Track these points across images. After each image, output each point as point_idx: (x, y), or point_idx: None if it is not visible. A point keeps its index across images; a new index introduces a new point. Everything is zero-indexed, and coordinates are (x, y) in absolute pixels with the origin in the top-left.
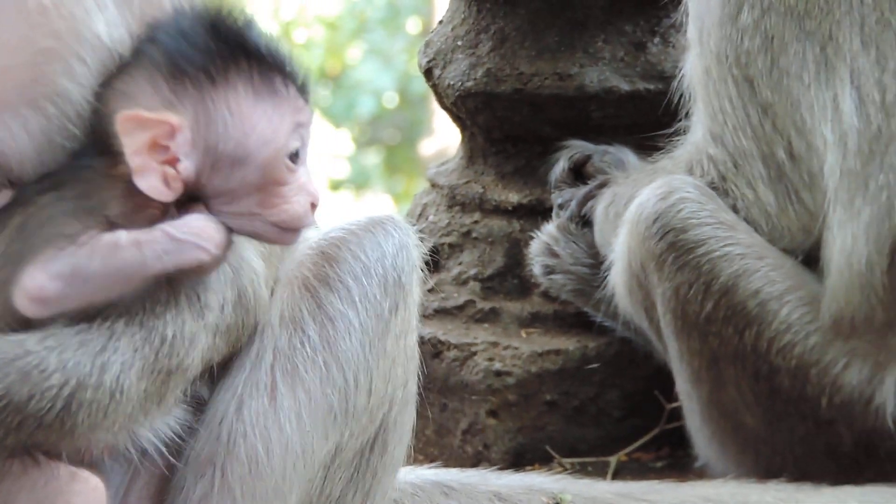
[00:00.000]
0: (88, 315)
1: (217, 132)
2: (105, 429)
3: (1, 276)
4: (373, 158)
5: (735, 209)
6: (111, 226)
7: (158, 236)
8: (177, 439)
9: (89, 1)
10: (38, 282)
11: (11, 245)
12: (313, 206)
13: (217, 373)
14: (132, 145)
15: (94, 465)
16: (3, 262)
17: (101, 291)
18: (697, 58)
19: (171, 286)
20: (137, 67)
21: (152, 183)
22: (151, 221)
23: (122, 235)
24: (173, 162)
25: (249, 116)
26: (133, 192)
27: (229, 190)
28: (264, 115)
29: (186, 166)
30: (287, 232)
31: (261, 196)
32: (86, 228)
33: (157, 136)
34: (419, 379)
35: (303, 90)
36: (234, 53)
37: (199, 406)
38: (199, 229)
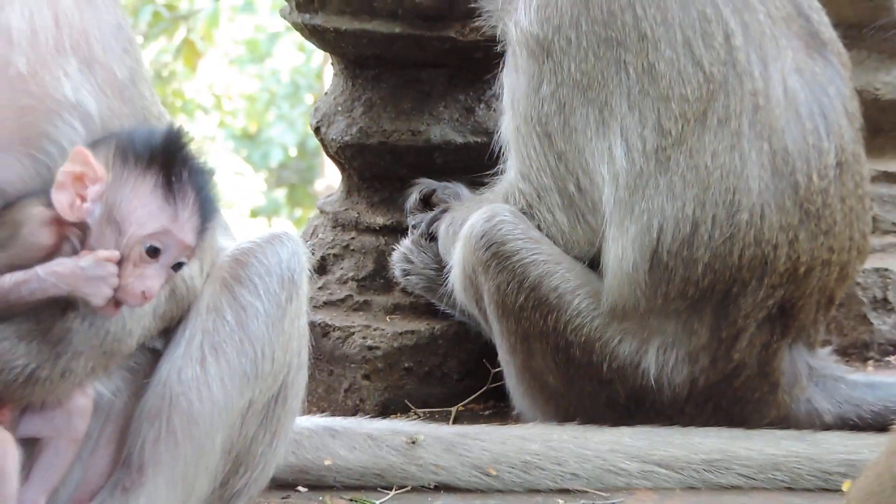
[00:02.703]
0: (52, 313)
1: (117, 198)
2: (58, 392)
3: None
4: (280, 194)
5: (539, 228)
6: (7, 269)
7: (31, 276)
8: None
9: (58, 70)
10: None
11: None
12: (144, 295)
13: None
14: (67, 169)
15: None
16: None
17: (3, 307)
18: (510, 119)
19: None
20: (103, 142)
21: (62, 200)
22: (52, 250)
23: (7, 279)
24: (83, 198)
25: (140, 203)
26: (50, 231)
27: (102, 242)
28: (149, 210)
29: (89, 207)
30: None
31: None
32: None
33: (84, 173)
34: (311, 351)
35: (200, 218)
36: (160, 162)
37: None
38: (58, 271)
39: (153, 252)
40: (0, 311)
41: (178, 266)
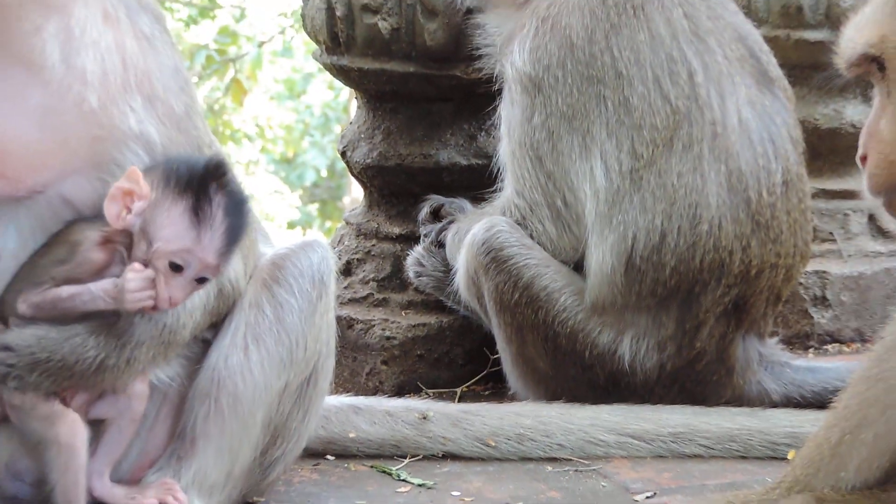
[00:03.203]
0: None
1: (153, 215)
2: (124, 378)
3: (15, 287)
4: (313, 209)
5: (531, 237)
6: (66, 281)
7: (83, 290)
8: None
9: (125, 106)
10: (21, 307)
11: (25, 267)
12: (170, 302)
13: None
14: (120, 184)
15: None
16: (19, 276)
17: (61, 312)
18: (507, 144)
19: None
20: (155, 166)
21: (111, 209)
22: (103, 266)
23: (65, 290)
24: (129, 210)
25: (170, 223)
26: (102, 250)
27: (137, 251)
28: (175, 230)
29: (132, 219)
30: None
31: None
32: (50, 279)
33: (133, 190)
34: (337, 340)
35: (225, 242)
36: (194, 188)
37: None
38: (105, 288)
39: (176, 268)
40: (57, 315)
41: (202, 280)
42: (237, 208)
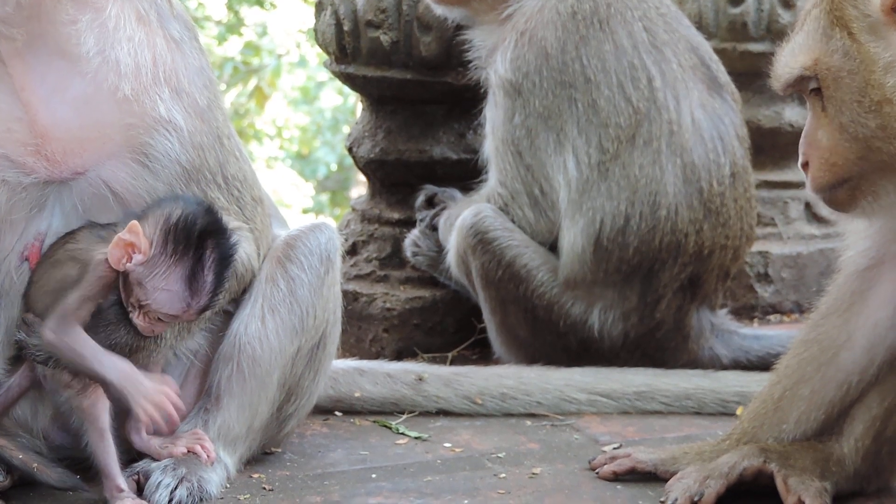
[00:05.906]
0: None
1: (151, 272)
2: (155, 355)
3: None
4: (324, 198)
5: (513, 221)
6: (84, 299)
7: (100, 360)
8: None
9: (155, 96)
10: (47, 335)
11: (46, 272)
12: (152, 331)
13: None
14: (124, 236)
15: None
16: (39, 286)
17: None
18: (491, 141)
19: None
20: (156, 209)
21: (114, 255)
22: (115, 280)
23: (89, 343)
24: (129, 259)
25: (164, 287)
26: (109, 267)
27: (130, 289)
28: (168, 297)
29: (131, 267)
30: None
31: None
32: (75, 312)
33: (134, 243)
34: (344, 311)
35: (209, 302)
36: (191, 258)
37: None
38: (121, 369)
39: (171, 316)
40: (70, 360)
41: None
42: (224, 263)
